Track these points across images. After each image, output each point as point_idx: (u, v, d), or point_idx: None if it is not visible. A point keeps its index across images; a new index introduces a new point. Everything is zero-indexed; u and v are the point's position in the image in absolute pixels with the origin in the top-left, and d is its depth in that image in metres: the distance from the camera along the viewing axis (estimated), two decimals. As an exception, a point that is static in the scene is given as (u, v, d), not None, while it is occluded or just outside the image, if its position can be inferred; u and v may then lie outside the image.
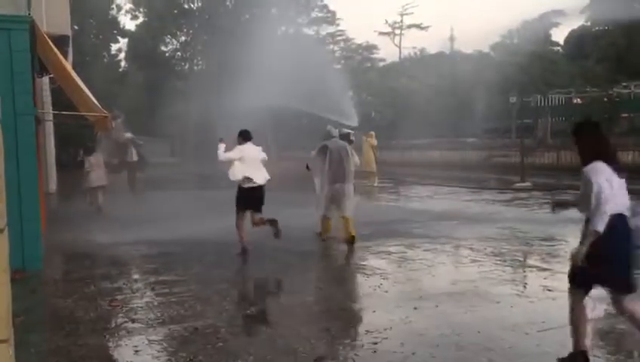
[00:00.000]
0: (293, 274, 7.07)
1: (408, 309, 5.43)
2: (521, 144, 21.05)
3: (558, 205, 5.13)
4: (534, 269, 7.29)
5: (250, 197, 8.23)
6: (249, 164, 8.26)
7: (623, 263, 3.87)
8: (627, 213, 3.89)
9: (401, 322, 5.07)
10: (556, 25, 40.24)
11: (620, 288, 3.93)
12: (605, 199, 3.74)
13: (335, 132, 9.59)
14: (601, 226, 3.76)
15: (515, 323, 4.95)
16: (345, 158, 9.18)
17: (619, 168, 3.95)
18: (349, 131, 10.23)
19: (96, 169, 13.46)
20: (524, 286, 6.55)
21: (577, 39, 39.48)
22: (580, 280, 4.02)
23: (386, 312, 5.37)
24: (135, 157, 17.37)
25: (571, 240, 9.47)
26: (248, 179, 8.18)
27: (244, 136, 8.40)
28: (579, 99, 33.95)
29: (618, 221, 3.83)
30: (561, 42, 43.14)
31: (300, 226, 10.51)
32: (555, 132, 29.95)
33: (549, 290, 6.04)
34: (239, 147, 8.36)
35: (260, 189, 8.31)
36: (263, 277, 6.99)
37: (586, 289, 3.96)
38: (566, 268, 7.09)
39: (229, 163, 8.30)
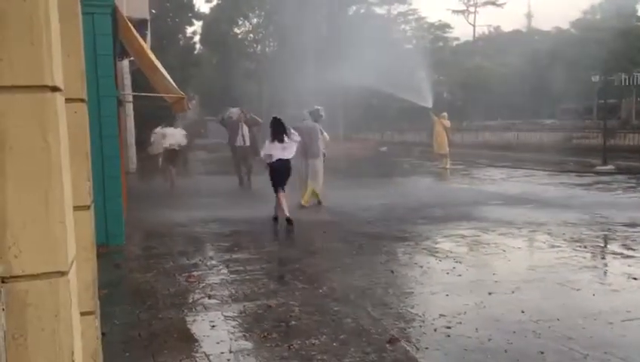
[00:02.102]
0: (365, 256, 7.06)
1: (483, 294, 5.31)
2: (604, 125, 20.08)
3: None
4: (617, 256, 6.95)
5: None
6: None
7: None
8: None
9: (476, 307, 4.97)
10: (644, -1, 37.89)
11: None
12: None
13: (306, 115, 11.06)
14: None
15: (598, 312, 4.74)
16: (314, 137, 10.75)
17: None
18: (318, 108, 11.35)
19: (160, 139, 14.46)
20: (606, 274, 6.27)
21: (667, 14, 37.06)
22: None
23: (460, 296, 5.28)
24: (247, 142, 14.55)
25: (658, 227, 9.00)
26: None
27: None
28: (667, 78, 31.94)
29: None
30: (649, 17, 40.58)
31: (368, 207, 10.53)
32: (641, 113, 28.36)
33: (634, 279, 5.74)
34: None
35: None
36: (334, 257, 7.03)
37: None
38: (653, 255, 6.80)
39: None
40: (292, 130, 9.63)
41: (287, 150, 9.24)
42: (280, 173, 9.24)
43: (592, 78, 23.30)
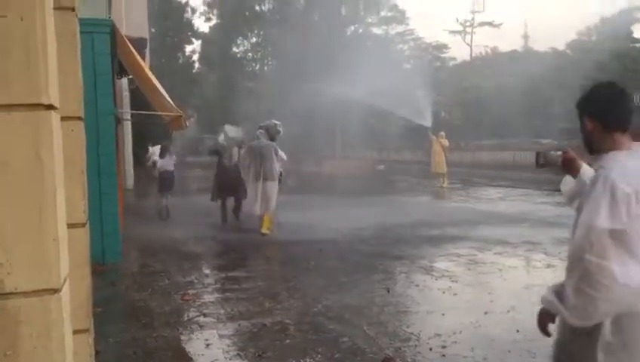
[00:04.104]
0: (361, 274, 7.05)
1: (479, 313, 5.30)
2: (600, 145, 20.17)
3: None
4: (613, 276, 6.94)
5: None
6: None
7: None
8: None
9: (471, 326, 4.96)
10: (639, 21, 38.24)
11: None
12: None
13: (261, 134, 9.99)
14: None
15: (593, 332, 4.73)
16: (266, 157, 9.75)
17: None
18: (275, 123, 10.14)
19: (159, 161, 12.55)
20: (603, 294, 6.26)
21: (662, 36, 37.39)
22: None
23: (456, 316, 5.27)
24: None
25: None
26: None
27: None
28: (663, 99, 32.17)
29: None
30: (645, 39, 40.93)
31: (364, 226, 10.52)
32: (637, 134, 28.54)
33: (630, 299, 5.74)
34: None
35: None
36: (330, 275, 7.02)
37: None
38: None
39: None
40: (247, 148, 10.03)
41: None
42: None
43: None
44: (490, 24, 50.90)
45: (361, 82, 25.79)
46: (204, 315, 5.37)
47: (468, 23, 51.59)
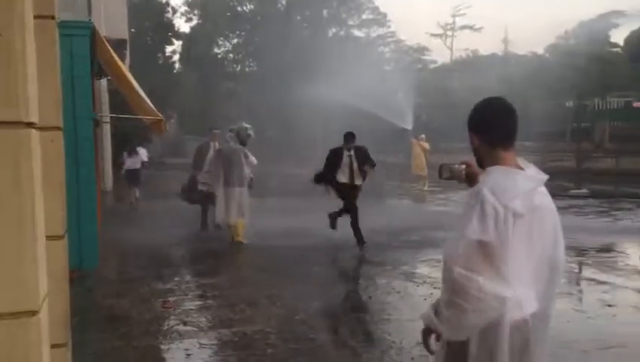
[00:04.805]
0: (342, 281, 7.06)
1: (460, 321, 5.31)
2: (578, 149, 20.43)
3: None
4: (592, 282, 7.04)
5: None
6: None
7: None
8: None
9: (453, 334, 4.96)
10: (616, 25, 38.82)
11: None
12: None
13: (230, 137, 9.61)
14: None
15: (573, 340, 4.77)
16: (235, 162, 9.32)
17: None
18: (246, 126, 9.72)
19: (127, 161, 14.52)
20: (581, 301, 6.33)
21: (638, 40, 38.07)
22: None
23: (437, 323, 5.27)
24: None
25: (631, 252, 9.15)
26: None
27: None
28: (639, 103, 32.72)
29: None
30: (621, 43, 41.63)
31: (345, 231, 10.50)
32: (614, 136, 28.99)
33: (609, 306, 5.82)
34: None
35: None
36: (311, 282, 6.99)
37: None
38: (627, 282, 6.90)
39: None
40: (216, 152, 9.76)
41: None
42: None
43: (567, 103, 23.78)
44: (470, 28, 51.38)
45: (342, 84, 25.83)
46: (185, 323, 5.31)
47: (449, 27, 52.05)
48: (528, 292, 2.15)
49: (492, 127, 2.26)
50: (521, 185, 2.11)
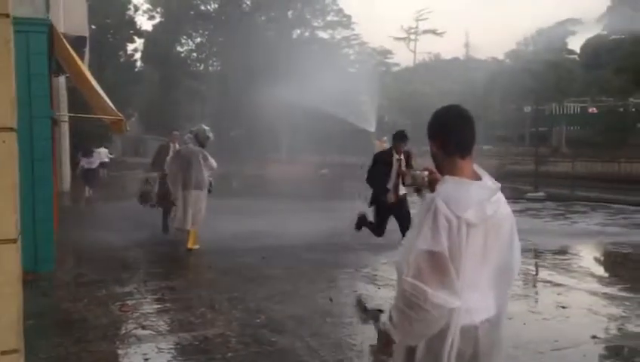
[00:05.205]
0: (304, 283, 7.04)
1: (419, 323, 5.36)
2: (536, 152, 20.93)
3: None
4: (547, 284, 7.20)
5: None
6: None
7: None
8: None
9: (412, 336, 5.01)
10: (573, 33, 40.00)
11: None
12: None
13: (189, 139, 9.30)
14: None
15: (528, 341, 4.88)
16: (193, 164, 8.97)
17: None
18: (205, 128, 9.41)
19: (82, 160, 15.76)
20: (537, 302, 6.47)
21: (594, 48, 39.22)
22: None
23: (397, 325, 5.31)
24: None
25: (584, 254, 9.41)
26: None
27: None
28: (594, 109, 33.72)
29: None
30: (578, 51, 42.84)
31: (310, 232, 10.51)
32: (570, 141, 29.78)
33: (563, 307, 5.96)
34: None
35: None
36: (273, 284, 6.97)
37: None
38: (581, 284, 7.09)
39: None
40: (174, 153, 9.51)
41: None
42: None
43: (525, 108, 24.35)
44: (433, 32, 52.15)
45: (306, 85, 25.89)
46: (143, 327, 5.23)
47: (412, 31, 52.70)
48: (485, 299, 2.18)
49: (449, 135, 2.27)
50: (474, 195, 2.12)
